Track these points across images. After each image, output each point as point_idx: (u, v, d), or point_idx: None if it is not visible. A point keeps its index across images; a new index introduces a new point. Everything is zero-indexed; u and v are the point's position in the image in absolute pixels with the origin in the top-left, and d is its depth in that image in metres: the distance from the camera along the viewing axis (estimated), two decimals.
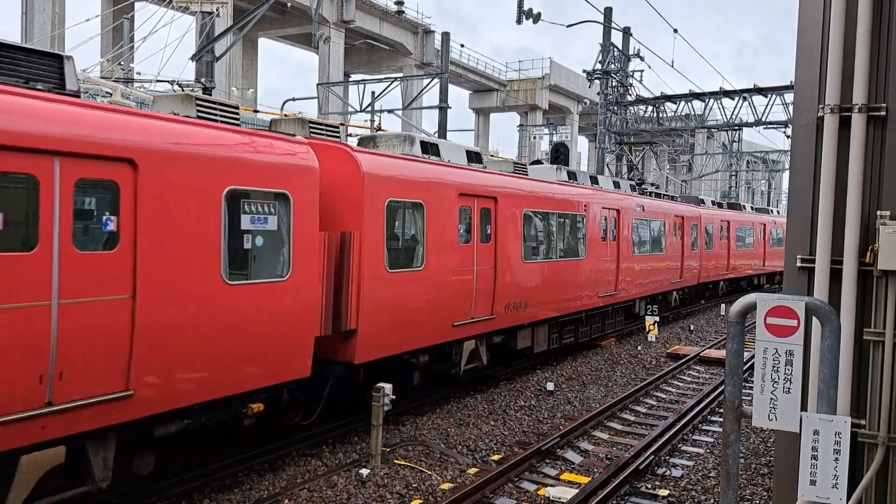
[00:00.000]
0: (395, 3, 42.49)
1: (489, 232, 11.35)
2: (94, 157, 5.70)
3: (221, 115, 7.40)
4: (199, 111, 7.19)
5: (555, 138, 46.86)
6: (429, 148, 10.76)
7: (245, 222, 7.05)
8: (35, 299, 5.32)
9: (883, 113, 4.94)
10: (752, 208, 31.98)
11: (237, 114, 7.61)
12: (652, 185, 24.91)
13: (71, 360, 5.53)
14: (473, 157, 11.59)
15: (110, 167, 5.84)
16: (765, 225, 30.84)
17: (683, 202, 23.52)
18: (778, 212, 36.22)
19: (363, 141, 10.72)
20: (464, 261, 10.63)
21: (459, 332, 10.66)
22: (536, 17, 23.59)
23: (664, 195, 22.53)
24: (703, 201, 25.94)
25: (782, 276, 24.58)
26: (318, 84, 34.64)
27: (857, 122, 4.97)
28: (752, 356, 5.40)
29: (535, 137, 53.81)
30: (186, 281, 6.41)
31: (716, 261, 25.05)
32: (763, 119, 26.88)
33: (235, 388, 6.99)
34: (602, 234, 15.70)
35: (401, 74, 37.70)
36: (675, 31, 25.49)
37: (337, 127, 9.47)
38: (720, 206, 28.04)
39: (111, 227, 5.90)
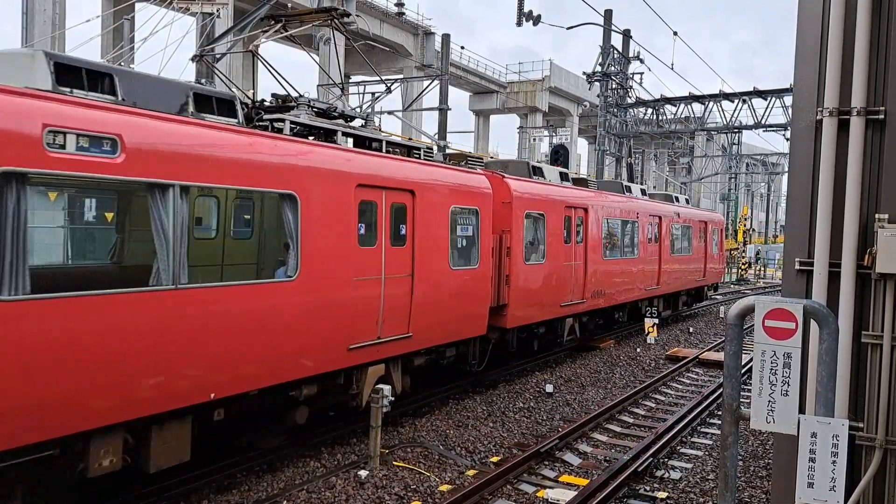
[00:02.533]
0: (396, 5, 42.52)
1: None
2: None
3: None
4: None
5: (554, 140, 46.94)
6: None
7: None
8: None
9: (881, 116, 4.95)
10: (642, 191, 20.25)
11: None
12: (360, 120, 10.28)
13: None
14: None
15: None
16: (660, 218, 19.57)
17: (469, 170, 11.64)
18: (687, 200, 24.80)
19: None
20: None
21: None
22: (536, 20, 23.61)
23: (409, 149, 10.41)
24: (539, 170, 14.29)
25: (692, 295, 20.58)
26: (318, 85, 34.65)
27: (856, 125, 4.98)
28: (751, 359, 5.44)
29: (534, 139, 53.88)
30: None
31: (557, 280, 13.67)
32: (762, 122, 26.92)
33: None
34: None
35: (401, 76, 37.72)
36: (675, 33, 25.53)
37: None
38: (582, 183, 16.56)
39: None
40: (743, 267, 46.05)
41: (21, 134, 5.24)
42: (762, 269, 49.49)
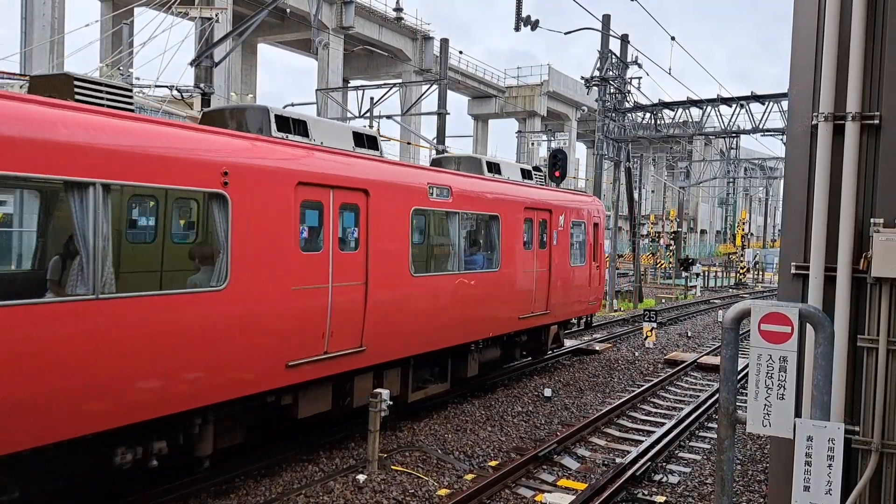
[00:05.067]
0: (394, 10, 42.64)
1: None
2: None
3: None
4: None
5: (553, 145, 47.01)
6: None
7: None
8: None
9: (876, 121, 4.98)
10: (360, 136, 9.21)
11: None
12: None
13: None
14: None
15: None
16: (367, 195, 8.65)
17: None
18: (531, 171, 13.92)
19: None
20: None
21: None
22: (535, 25, 23.66)
23: None
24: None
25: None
26: (317, 90, 34.71)
27: (851, 130, 5.01)
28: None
29: (532, 144, 53.96)
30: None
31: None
32: (760, 126, 26.94)
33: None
34: None
35: (400, 80, 37.78)
36: (673, 38, 25.60)
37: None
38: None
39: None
40: (742, 271, 46.15)
41: None
42: (760, 273, 49.57)
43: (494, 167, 12.73)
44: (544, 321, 13.67)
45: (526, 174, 13.62)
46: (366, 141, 9.39)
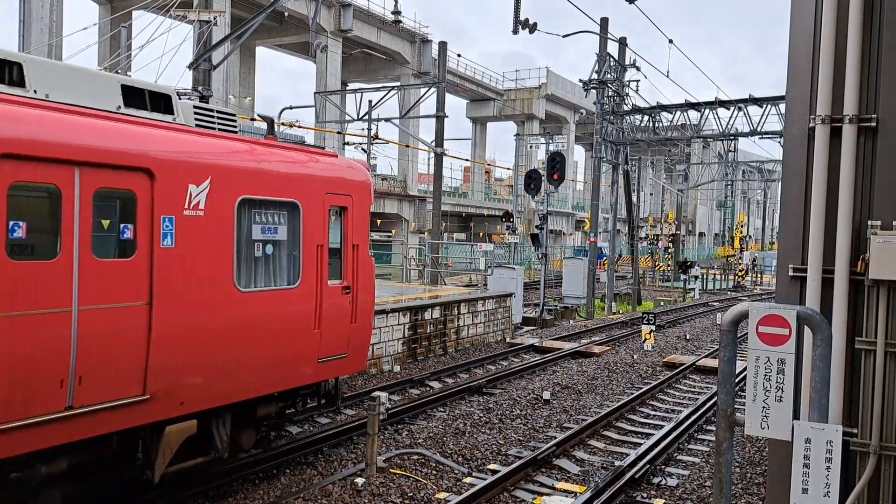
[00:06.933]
0: (393, 13, 42.67)
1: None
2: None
3: None
4: None
5: (551, 148, 47.02)
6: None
7: None
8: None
9: (873, 124, 4.99)
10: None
11: None
12: None
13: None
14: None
15: None
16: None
17: None
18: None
19: None
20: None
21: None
22: (533, 28, 23.67)
23: None
24: None
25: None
26: (315, 93, 34.71)
27: (848, 132, 5.02)
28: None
29: (531, 147, 54.03)
30: None
31: None
32: (758, 129, 26.94)
33: None
34: None
35: (398, 83, 37.81)
36: (671, 41, 25.62)
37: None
38: None
39: None
40: (740, 273, 46.18)
41: None
42: (758, 275, 49.59)
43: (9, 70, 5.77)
44: (133, 422, 6.13)
45: (150, 102, 6.78)
46: None
